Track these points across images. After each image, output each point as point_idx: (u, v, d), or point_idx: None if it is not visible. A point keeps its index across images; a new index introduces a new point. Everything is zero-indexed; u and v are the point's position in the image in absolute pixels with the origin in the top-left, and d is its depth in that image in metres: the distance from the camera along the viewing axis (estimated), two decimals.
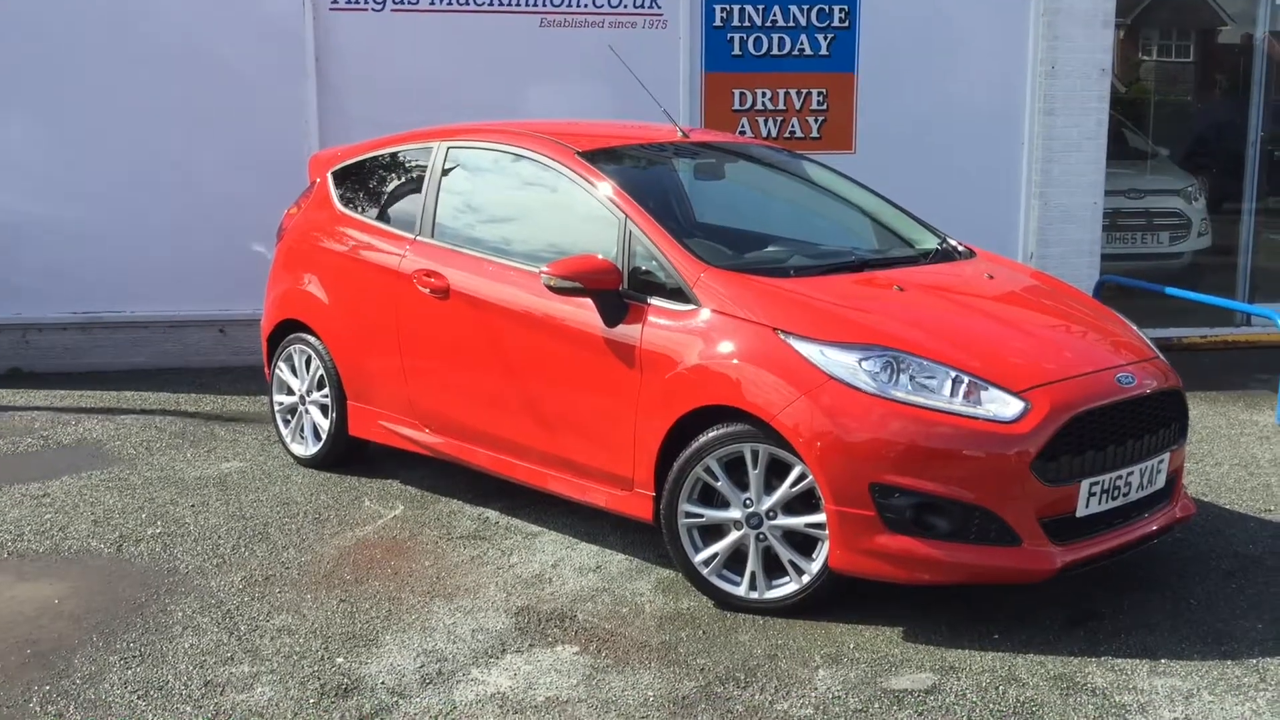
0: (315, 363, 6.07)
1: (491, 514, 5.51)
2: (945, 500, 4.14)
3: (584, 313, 4.83)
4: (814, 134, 8.90)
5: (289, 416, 6.30)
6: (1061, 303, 5.07)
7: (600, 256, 4.81)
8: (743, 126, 8.79)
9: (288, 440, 6.29)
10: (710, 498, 4.52)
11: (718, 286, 4.59)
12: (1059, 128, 9.21)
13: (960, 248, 5.57)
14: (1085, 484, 4.25)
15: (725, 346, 4.46)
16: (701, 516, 4.52)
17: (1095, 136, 9.28)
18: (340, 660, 4.10)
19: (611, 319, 4.76)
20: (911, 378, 4.23)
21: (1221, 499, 5.76)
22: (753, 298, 4.53)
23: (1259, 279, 10.06)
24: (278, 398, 6.33)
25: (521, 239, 5.38)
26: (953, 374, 4.23)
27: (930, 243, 5.53)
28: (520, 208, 5.55)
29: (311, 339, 6.08)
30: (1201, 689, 3.89)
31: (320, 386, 6.08)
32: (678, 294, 4.66)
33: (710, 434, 4.45)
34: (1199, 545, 5.14)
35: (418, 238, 5.61)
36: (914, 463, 4.13)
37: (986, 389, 4.21)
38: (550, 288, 4.79)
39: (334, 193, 6.23)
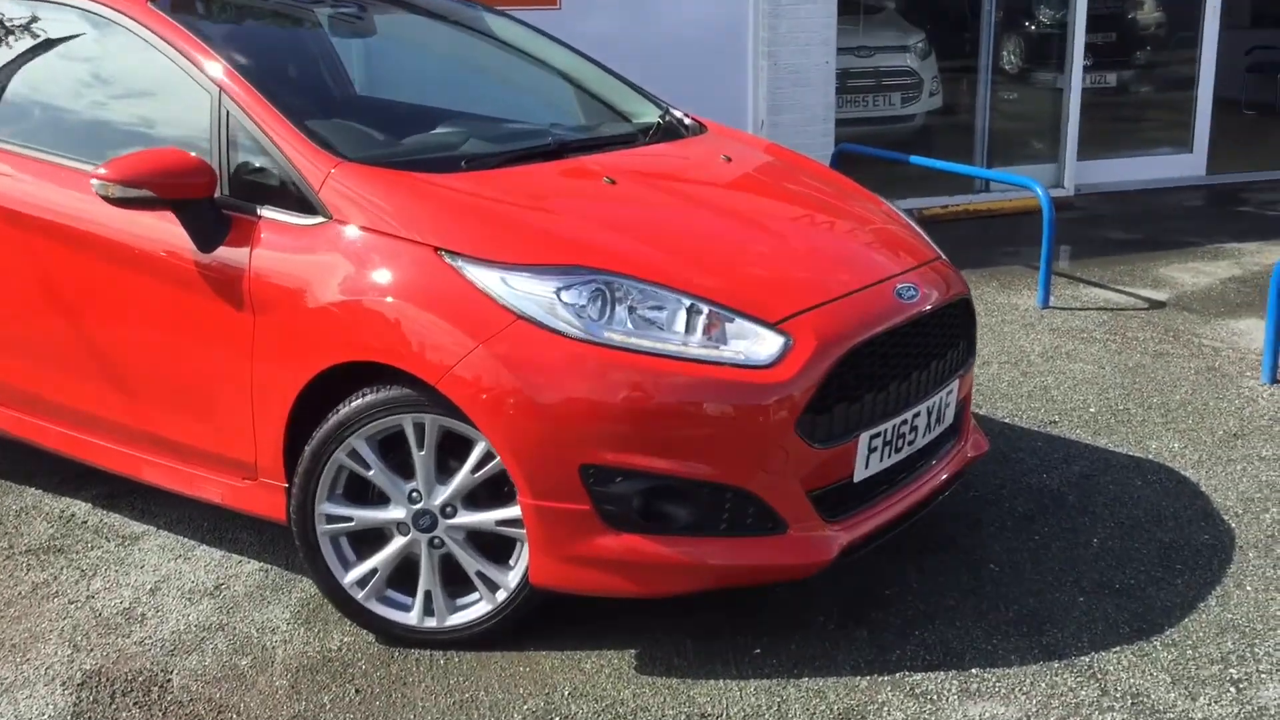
0: None
1: (80, 509, 4.03)
2: (684, 482, 2.97)
3: (172, 229, 3.36)
4: None
5: None
6: (819, 190, 3.94)
7: (182, 150, 3.32)
8: None
9: None
10: (364, 491, 3.21)
11: (355, 188, 3.21)
12: None
13: (688, 121, 4.35)
14: (864, 438, 3.17)
15: (367, 276, 3.11)
16: (350, 520, 3.21)
17: None
18: None
19: (206, 240, 3.31)
20: (631, 310, 3.01)
21: (999, 410, 4.87)
22: (404, 203, 3.17)
23: (996, 142, 9.37)
24: None
25: (75, 126, 3.80)
26: (687, 302, 3.03)
27: (650, 116, 4.28)
28: (72, 80, 3.91)
29: None
30: (1030, 718, 2.91)
31: None
32: (300, 201, 3.26)
33: (353, 403, 3.12)
34: (988, 480, 4.21)
35: None
36: (640, 432, 2.92)
37: (733, 320, 3.04)
38: (109, 199, 3.28)
39: None
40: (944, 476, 3.54)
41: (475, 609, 3.19)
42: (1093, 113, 9.54)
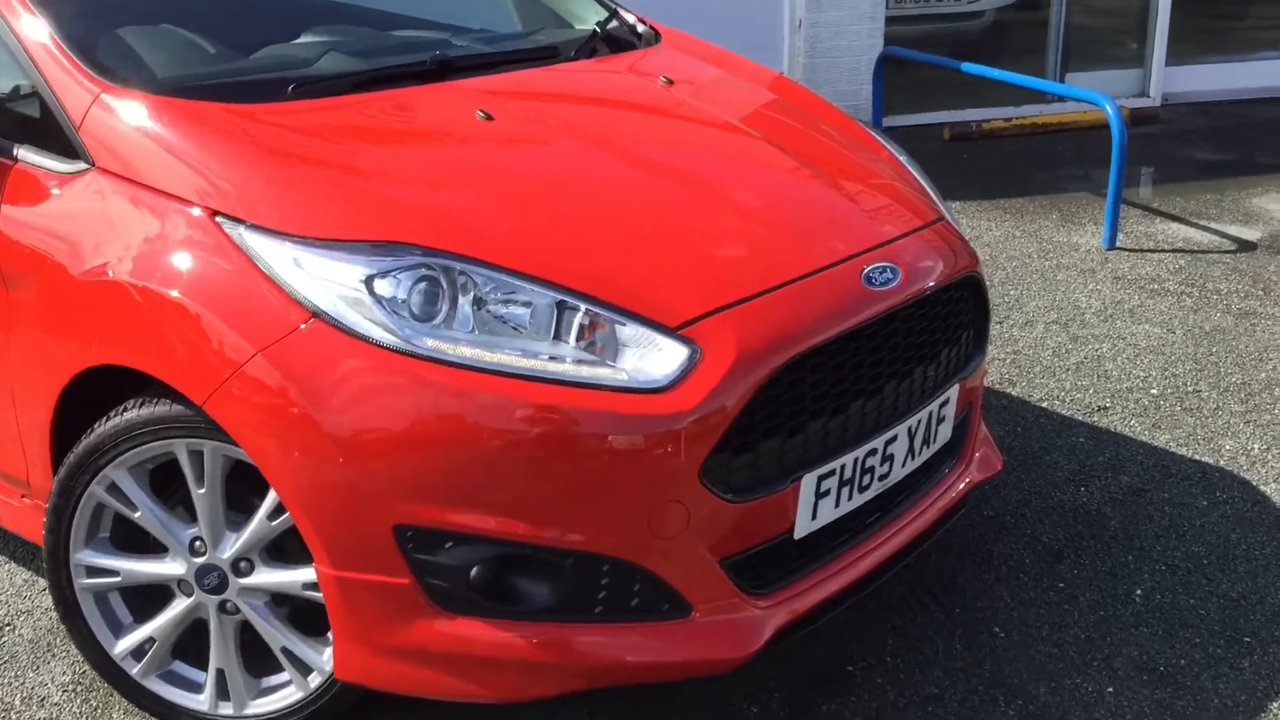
0: None
1: None
2: (541, 550, 2.13)
3: None
4: None
5: None
6: (791, 131, 2.98)
7: None
8: None
9: None
10: (144, 534, 2.42)
11: (123, 124, 2.36)
12: None
13: (641, 28, 3.43)
14: (810, 480, 2.30)
15: (126, 247, 2.28)
16: (115, 574, 2.42)
17: None
18: None
19: None
20: (480, 306, 2.15)
21: (1037, 389, 3.94)
22: (180, 146, 2.31)
23: (1073, 43, 8.20)
24: None
25: None
26: (557, 297, 2.16)
27: (590, 21, 3.36)
28: None
29: None
30: None
31: None
32: (61, 141, 2.43)
33: (110, 421, 2.31)
34: (1010, 494, 3.31)
35: None
36: (476, 482, 2.08)
37: (624, 324, 2.16)
38: None
39: None
40: (934, 514, 2.67)
41: (284, 695, 2.40)
42: (1188, 10, 8.31)
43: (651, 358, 2.14)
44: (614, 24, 3.34)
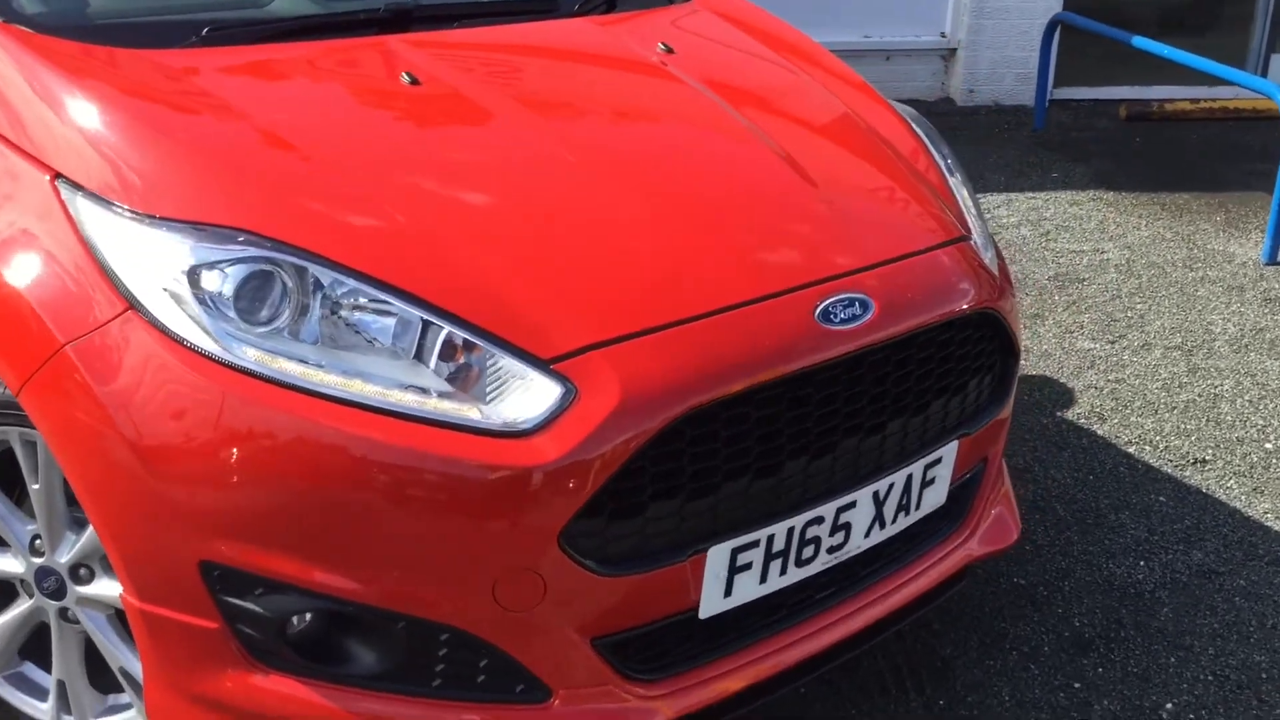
0: None
1: None
2: (367, 610, 1.79)
3: None
4: None
5: None
6: (790, 120, 2.50)
7: None
8: None
9: None
10: None
11: None
12: None
13: None
14: (720, 552, 1.89)
15: None
16: None
17: None
18: None
19: None
20: (332, 313, 1.80)
21: (1129, 429, 3.38)
22: (41, 93, 2.03)
23: None
24: None
25: None
26: (420, 315, 1.79)
27: None
28: None
29: None
30: None
31: None
32: None
33: None
34: (1048, 559, 2.81)
35: None
36: (296, 525, 1.75)
37: (498, 357, 1.78)
38: None
39: None
40: (916, 590, 2.22)
41: (129, 717, 2.15)
42: None
43: (515, 395, 1.76)
44: None
